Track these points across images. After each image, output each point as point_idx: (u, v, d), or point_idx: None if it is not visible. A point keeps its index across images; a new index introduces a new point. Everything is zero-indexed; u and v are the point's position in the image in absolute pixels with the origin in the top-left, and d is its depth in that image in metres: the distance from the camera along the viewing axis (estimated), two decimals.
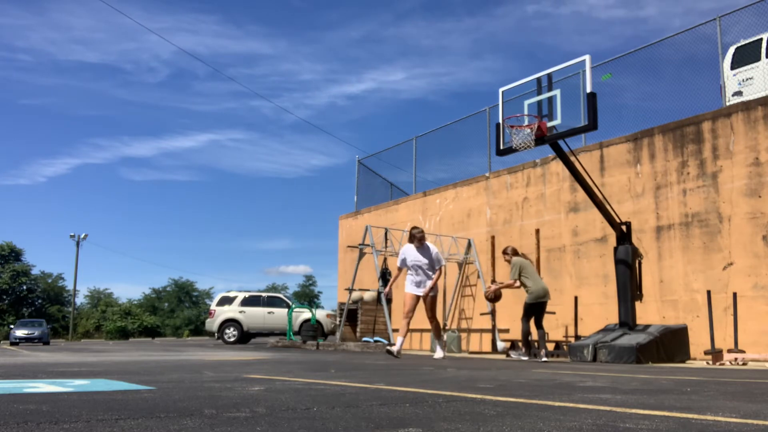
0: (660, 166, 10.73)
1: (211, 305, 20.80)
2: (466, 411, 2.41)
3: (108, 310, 54.53)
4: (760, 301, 9.15)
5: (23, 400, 2.62)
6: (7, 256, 56.15)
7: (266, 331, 20.05)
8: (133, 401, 2.62)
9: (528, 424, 2.06)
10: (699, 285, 9.93)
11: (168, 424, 1.98)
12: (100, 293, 62.94)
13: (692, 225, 10.17)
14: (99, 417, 2.12)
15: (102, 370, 4.98)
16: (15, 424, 1.93)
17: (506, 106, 9.02)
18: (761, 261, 9.22)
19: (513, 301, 12.99)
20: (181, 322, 58.90)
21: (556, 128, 8.49)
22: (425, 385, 3.66)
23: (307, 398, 2.81)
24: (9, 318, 50.69)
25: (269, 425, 1.97)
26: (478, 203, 14.40)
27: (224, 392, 3.06)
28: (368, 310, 15.35)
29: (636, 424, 2.09)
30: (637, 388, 3.66)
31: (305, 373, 4.78)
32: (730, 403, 2.82)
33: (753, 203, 9.43)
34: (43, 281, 59.25)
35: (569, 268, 12.02)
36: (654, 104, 11.74)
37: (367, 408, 2.47)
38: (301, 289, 70.46)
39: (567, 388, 3.62)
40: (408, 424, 2.03)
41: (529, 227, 12.75)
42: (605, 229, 10.99)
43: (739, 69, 10.27)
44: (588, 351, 8.43)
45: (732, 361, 8.02)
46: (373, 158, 18.65)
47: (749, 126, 9.60)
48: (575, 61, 8.33)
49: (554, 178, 12.58)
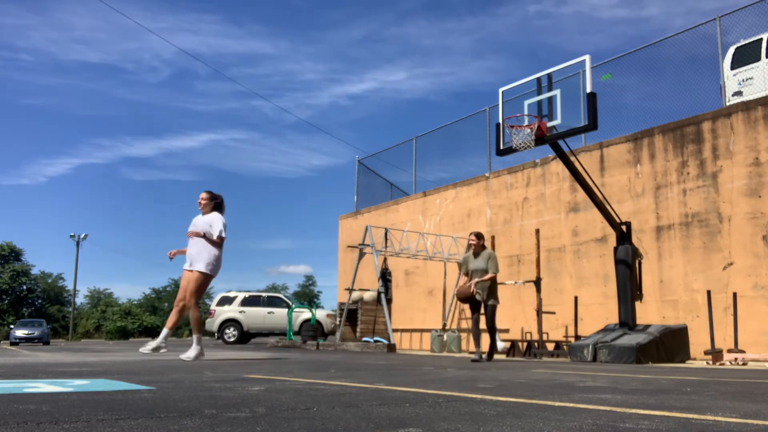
0: (660, 166, 10.73)
1: (211, 305, 20.80)
2: (466, 411, 2.41)
3: (108, 310, 54.56)
4: (760, 301, 9.15)
5: (23, 400, 2.62)
6: (7, 256, 56.18)
7: (266, 331, 20.05)
8: (133, 401, 2.62)
9: (528, 424, 2.06)
10: (699, 285, 9.93)
11: (168, 424, 1.98)
12: (100, 293, 62.99)
13: (692, 225, 10.16)
14: (99, 417, 2.12)
15: (102, 370, 4.98)
16: (15, 424, 1.93)
17: (506, 106, 9.02)
18: (761, 261, 9.22)
19: (513, 301, 12.99)
20: (181, 322, 58.87)
21: (556, 128, 8.49)
22: (425, 385, 3.66)
23: (307, 398, 2.81)
24: (9, 318, 50.71)
25: (269, 425, 1.97)
26: (478, 203, 14.39)
27: (224, 392, 3.06)
28: (368, 310, 15.36)
29: (636, 424, 2.09)
30: (637, 388, 3.66)
31: (305, 373, 4.78)
32: (730, 403, 2.82)
33: (753, 203, 9.43)
34: (43, 281, 59.29)
35: (569, 268, 12.02)
36: (654, 104, 11.76)
37: (367, 408, 2.47)
38: (301, 289, 70.54)
39: (567, 388, 3.62)
40: (408, 424, 2.03)
41: (529, 227, 12.74)
42: (605, 229, 10.99)
43: (739, 69, 10.27)
44: (588, 351, 8.43)
45: (732, 361, 8.02)
46: (373, 158, 18.67)
47: (749, 126, 9.60)
48: (575, 61, 8.33)
49: (554, 178, 12.58)
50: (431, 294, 15.09)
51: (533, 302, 11.32)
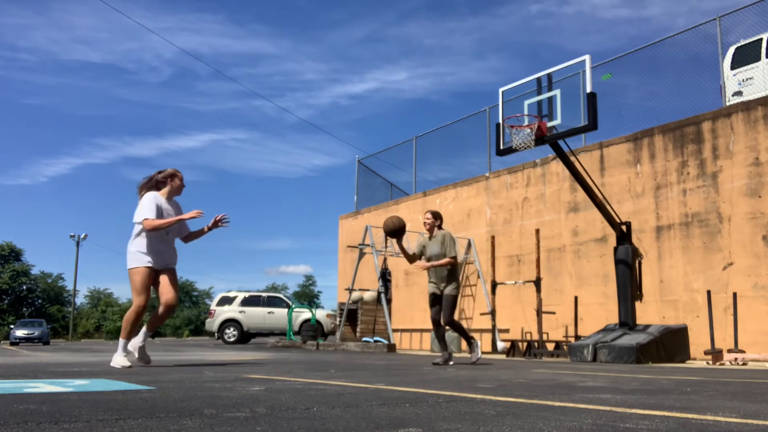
0: (660, 166, 10.73)
1: (211, 305, 20.81)
2: (466, 411, 2.41)
3: (108, 310, 54.53)
4: (760, 301, 9.15)
5: (23, 400, 2.62)
6: (7, 256, 56.18)
7: (266, 331, 20.06)
8: (133, 401, 2.62)
9: (528, 424, 2.06)
10: (699, 285, 9.93)
11: (168, 424, 1.98)
12: (100, 293, 62.91)
13: (692, 225, 10.17)
14: (99, 417, 2.12)
15: (102, 370, 4.98)
16: (15, 424, 1.93)
17: (506, 106, 9.02)
18: (761, 261, 9.22)
19: (513, 301, 12.99)
20: (181, 322, 58.88)
21: (556, 128, 8.49)
22: (425, 385, 3.66)
23: (307, 398, 2.81)
24: (9, 318, 50.70)
25: (269, 425, 1.97)
26: (478, 203, 14.40)
27: (224, 392, 3.06)
28: (368, 310, 15.36)
29: (636, 424, 2.09)
30: (637, 388, 3.66)
31: (305, 373, 4.78)
32: (730, 403, 2.82)
33: (753, 203, 9.43)
34: (43, 281, 59.26)
35: (569, 268, 12.02)
36: (655, 104, 11.75)
37: (367, 408, 2.47)
38: (301, 289, 70.52)
39: (567, 388, 3.61)
40: (408, 424, 2.03)
41: (529, 227, 12.74)
42: (605, 229, 10.99)
43: (739, 69, 10.27)
44: (588, 351, 8.44)
45: (732, 361, 8.02)
46: (374, 158, 18.67)
47: (749, 126, 9.60)
48: (575, 61, 8.33)
49: (554, 178, 12.58)
50: None
51: (533, 302, 11.32)
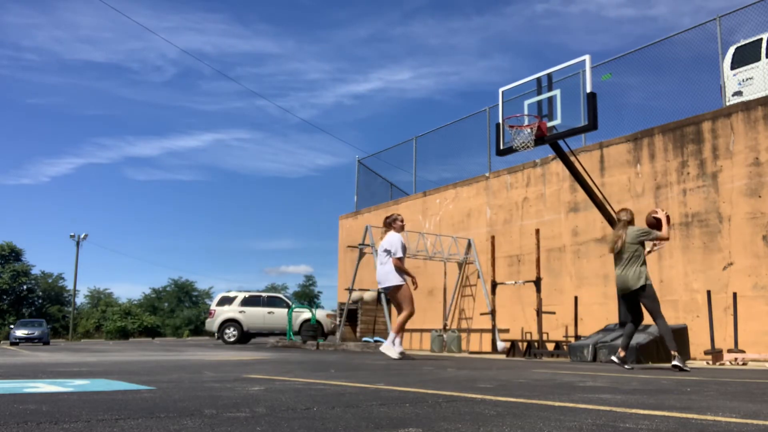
0: (660, 166, 10.73)
1: (211, 305, 20.81)
2: (466, 411, 2.41)
3: (108, 310, 54.49)
4: (760, 301, 9.15)
5: (23, 400, 2.62)
6: (7, 256, 56.14)
7: (266, 331, 20.06)
8: (133, 401, 2.62)
9: (528, 424, 2.06)
10: (699, 285, 9.93)
11: (168, 424, 1.98)
12: (100, 293, 62.90)
13: (692, 225, 10.17)
14: (99, 417, 2.12)
15: (102, 370, 4.98)
16: (15, 424, 1.93)
17: (506, 106, 9.02)
18: (761, 261, 9.22)
19: (513, 301, 12.99)
20: (181, 322, 58.88)
21: (556, 128, 8.49)
22: (425, 385, 3.66)
23: (307, 398, 2.81)
24: (9, 318, 50.68)
25: (269, 425, 1.97)
26: (478, 203, 14.40)
27: (224, 392, 3.06)
28: (368, 310, 15.35)
29: (636, 424, 2.09)
30: (637, 388, 3.66)
31: (305, 373, 4.78)
32: (730, 403, 2.82)
33: (753, 203, 9.43)
34: (43, 281, 59.24)
35: (569, 268, 12.02)
36: (655, 104, 11.74)
37: (367, 408, 2.47)
38: (301, 289, 70.42)
39: (567, 388, 3.61)
40: (408, 424, 2.03)
41: (529, 227, 12.74)
42: (605, 229, 10.99)
43: (739, 69, 10.27)
44: (588, 351, 8.44)
45: (732, 361, 8.02)
46: (374, 158, 18.67)
47: (749, 126, 9.60)
48: (575, 61, 8.33)
49: (554, 178, 12.58)
50: (431, 294, 15.08)
51: (533, 302, 11.32)
